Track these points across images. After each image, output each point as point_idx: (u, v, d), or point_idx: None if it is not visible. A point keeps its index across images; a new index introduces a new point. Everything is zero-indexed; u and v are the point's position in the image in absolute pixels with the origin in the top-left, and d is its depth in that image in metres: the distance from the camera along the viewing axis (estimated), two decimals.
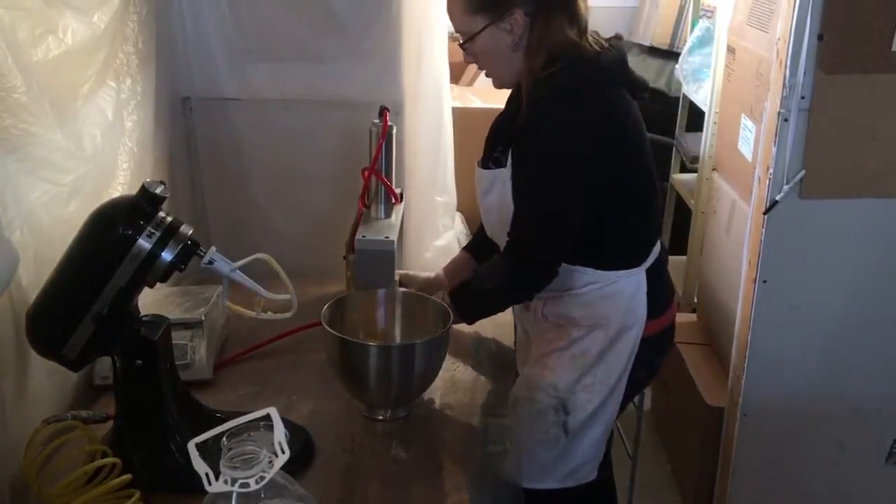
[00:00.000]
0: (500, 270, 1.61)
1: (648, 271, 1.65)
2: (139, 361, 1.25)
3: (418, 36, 2.13)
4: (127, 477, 1.19)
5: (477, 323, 1.73)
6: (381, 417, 1.51)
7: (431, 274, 1.86)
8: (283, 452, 0.92)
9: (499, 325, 1.85)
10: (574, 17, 1.52)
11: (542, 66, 1.51)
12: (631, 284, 1.63)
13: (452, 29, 1.63)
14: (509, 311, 1.86)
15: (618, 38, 1.62)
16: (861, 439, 2.09)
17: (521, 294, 1.66)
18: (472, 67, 3.54)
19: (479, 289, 1.64)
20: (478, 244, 1.83)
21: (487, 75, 1.63)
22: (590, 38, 1.54)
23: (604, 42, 1.57)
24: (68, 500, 1.18)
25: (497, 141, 1.65)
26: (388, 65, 2.05)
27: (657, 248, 1.69)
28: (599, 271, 1.61)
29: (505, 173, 1.57)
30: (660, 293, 1.67)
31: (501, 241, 1.62)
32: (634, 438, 2.39)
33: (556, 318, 1.67)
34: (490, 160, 1.64)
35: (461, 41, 1.56)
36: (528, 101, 1.54)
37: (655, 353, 1.73)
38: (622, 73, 1.56)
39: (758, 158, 1.99)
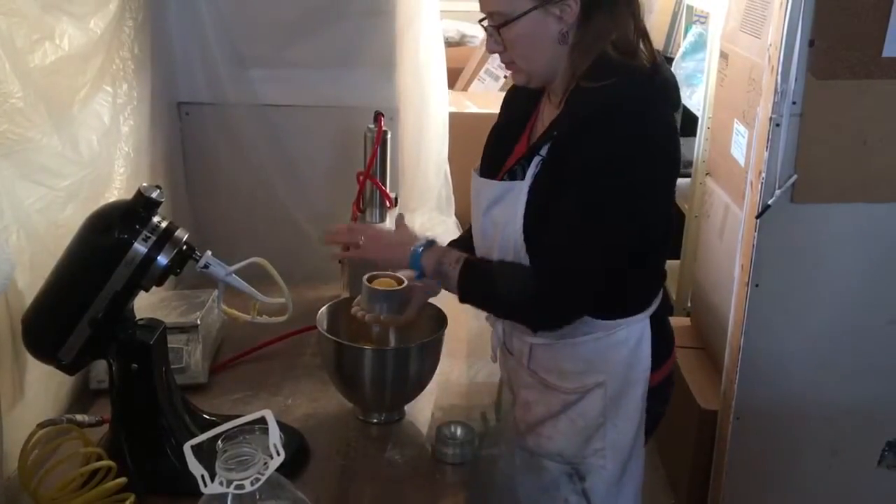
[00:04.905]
0: (527, 273, 1.33)
1: (651, 318, 1.43)
2: (135, 365, 1.26)
3: (415, 41, 2.14)
4: (122, 480, 1.20)
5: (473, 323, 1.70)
6: (375, 420, 1.52)
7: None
8: (278, 455, 0.92)
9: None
10: (636, 16, 1.32)
11: (587, 70, 1.30)
12: (634, 333, 1.40)
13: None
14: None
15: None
16: (853, 443, 2.09)
17: (542, 308, 1.34)
18: (468, 72, 3.56)
19: (495, 279, 1.36)
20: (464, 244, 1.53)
21: (512, 69, 1.36)
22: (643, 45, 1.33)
23: (656, 52, 1.34)
24: (63, 503, 1.19)
25: (504, 150, 1.43)
26: (382, 70, 2.06)
27: (660, 294, 1.47)
28: (598, 320, 1.38)
29: (520, 186, 1.33)
30: (662, 343, 1.46)
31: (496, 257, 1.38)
32: None
33: (544, 372, 1.44)
34: (499, 171, 1.41)
35: (495, 23, 1.31)
36: (571, 112, 1.32)
37: (659, 402, 1.50)
38: (676, 95, 1.36)
39: (750, 163, 2.00)
